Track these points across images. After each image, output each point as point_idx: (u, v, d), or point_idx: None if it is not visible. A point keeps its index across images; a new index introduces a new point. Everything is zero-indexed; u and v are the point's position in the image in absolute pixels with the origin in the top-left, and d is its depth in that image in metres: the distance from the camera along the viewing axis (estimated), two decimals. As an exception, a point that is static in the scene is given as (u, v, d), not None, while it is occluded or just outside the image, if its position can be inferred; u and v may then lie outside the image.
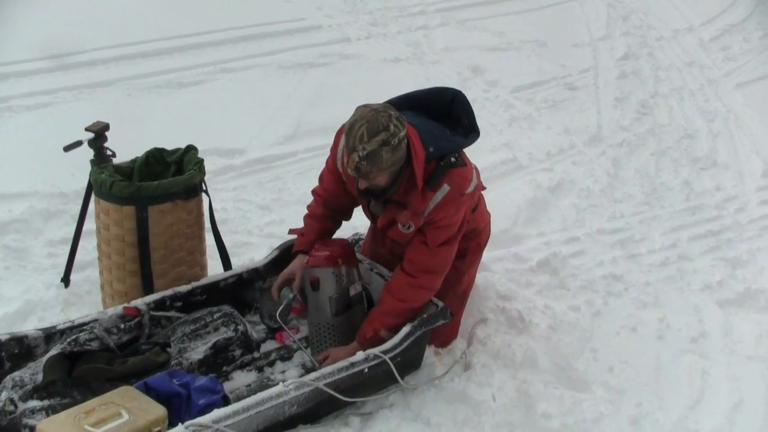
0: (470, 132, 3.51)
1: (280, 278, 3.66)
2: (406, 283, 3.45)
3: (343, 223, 3.83)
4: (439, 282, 3.51)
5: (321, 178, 3.74)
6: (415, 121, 3.35)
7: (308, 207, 3.78)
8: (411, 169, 3.28)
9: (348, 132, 3.13)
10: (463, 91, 3.59)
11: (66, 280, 4.12)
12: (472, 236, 3.72)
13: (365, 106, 3.19)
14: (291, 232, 3.83)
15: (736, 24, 10.43)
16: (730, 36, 10.04)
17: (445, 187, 3.31)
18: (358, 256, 3.86)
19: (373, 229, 3.90)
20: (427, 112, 3.50)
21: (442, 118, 3.50)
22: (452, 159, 3.35)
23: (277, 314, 3.57)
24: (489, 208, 3.95)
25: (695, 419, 3.52)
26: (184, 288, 3.68)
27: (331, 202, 3.70)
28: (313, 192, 3.78)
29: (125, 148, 4.14)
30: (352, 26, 8.99)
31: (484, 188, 3.75)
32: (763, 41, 9.86)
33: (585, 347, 3.90)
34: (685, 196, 5.84)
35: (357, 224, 4.14)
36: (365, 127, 3.08)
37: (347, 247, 3.65)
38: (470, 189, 3.42)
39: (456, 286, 3.74)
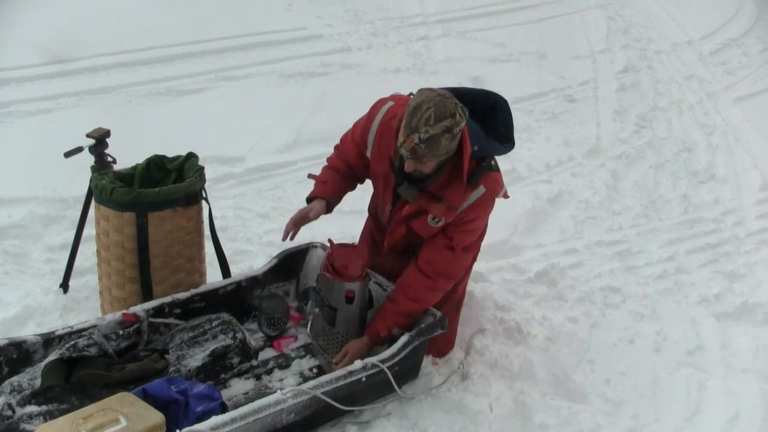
0: (505, 141, 3.46)
1: (298, 214, 3.55)
2: (423, 285, 3.46)
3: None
4: (450, 286, 3.55)
5: (343, 141, 3.68)
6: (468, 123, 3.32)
7: (328, 159, 3.71)
8: (455, 161, 3.25)
9: (413, 112, 3.05)
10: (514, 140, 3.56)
11: (65, 285, 4.12)
12: None
13: (429, 89, 3.13)
14: (311, 176, 3.74)
15: (735, 38, 10.49)
16: (730, 50, 10.09)
17: (481, 189, 3.32)
18: (386, 282, 3.83)
19: (370, 230, 3.87)
20: (469, 111, 3.46)
21: (479, 121, 3.42)
22: (492, 162, 3.36)
23: (308, 330, 3.62)
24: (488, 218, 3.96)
25: (692, 432, 3.53)
26: (182, 295, 3.68)
27: (353, 163, 3.63)
28: (335, 148, 3.72)
29: (126, 155, 4.14)
30: (353, 36, 9.02)
31: (508, 197, 3.67)
32: (763, 55, 9.91)
33: (582, 358, 3.91)
34: (683, 209, 5.85)
35: (355, 233, 4.13)
36: (433, 111, 3.02)
37: (365, 252, 3.62)
38: (500, 194, 3.45)
39: (451, 295, 3.73)
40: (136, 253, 3.68)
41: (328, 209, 3.62)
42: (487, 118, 3.46)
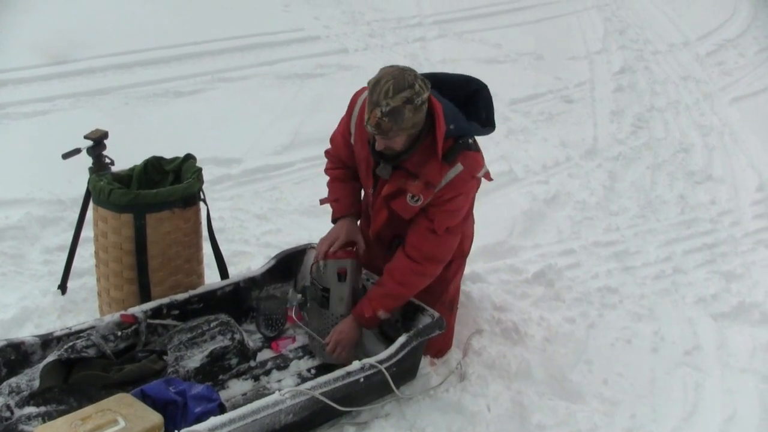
0: (487, 125, 3.54)
1: (322, 245, 3.59)
2: (410, 270, 3.46)
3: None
4: (440, 269, 3.53)
5: (332, 140, 3.73)
6: (441, 100, 3.36)
7: (327, 171, 3.77)
8: (431, 139, 3.28)
9: (373, 87, 3.12)
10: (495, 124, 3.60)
11: (63, 287, 4.12)
12: (459, 243, 3.68)
13: (390, 66, 3.20)
14: (323, 202, 3.79)
15: (731, 39, 10.51)
16: (726, 51, 10.11)
17: (459, 166, 3.33)
18: (372, 274, 3.86)
19: (362, 228, 3.88)
20: (450, 96, 3.50)
21: (460, 107, 3.47)
22: (469, 141, 3.38)
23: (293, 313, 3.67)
24: (485, 219, 3.98)
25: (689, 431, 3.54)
26: (181, 296, 3.68)
27: (345, 161, 3.69)
28: (327, 153, 3.78)
29: (124, 156, 4.15)
30: (350, 37, 9.03)
31: (491, 179, 3.68)
32: (759, 56, 9.93)
33: (580, 359, 3.92)
34: (680, 210, 5.86)
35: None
36: (391, 83, 3.08)
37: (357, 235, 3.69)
38: (481, 174, 3.44)
39: (443, 295, 3.74)
40: (134, 254, 3.69)
41: (356, 218, 3.71)
42: (469, 103, 3.53)
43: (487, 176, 3.57)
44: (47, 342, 3.33)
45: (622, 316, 4.35)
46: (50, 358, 3.19)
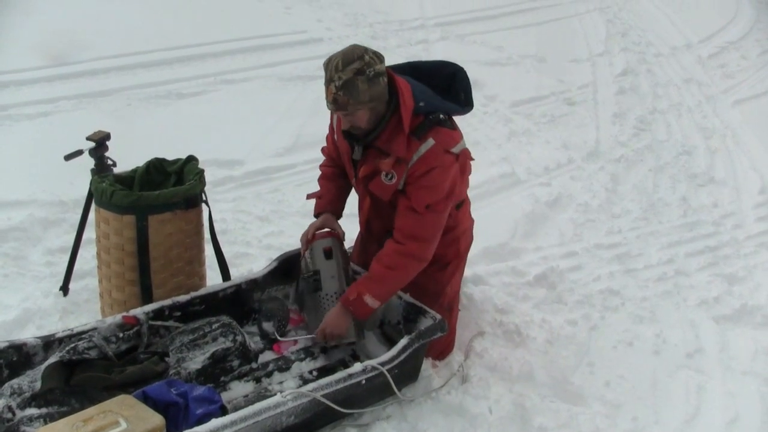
0: (465, 105, 3.58)
1: (302, 238, 3.71)
2: (394, 250, 3.43)
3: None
4: (428, 252, 3.47)
5: (327, 139, 3.81)
6: (411, 81, 3.43)
7: (320, 167, 3.86)
8: (398, 117, 3.32)
9: (326, 66, 3.23)
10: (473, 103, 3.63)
11: (65, 288, 4.12)
12: (452, 240, 3.69)
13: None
14: (309, 197, 3.87)
15: (734, 41, 10.51)
16: (728, 53, 10.11)
17: (430, 141, 3.33)
18: (353, 266, 3.88)
19: (366, 215, 3.88)
20: (428, 82, 3.54)
21: (440, 93, 3.52)
22: (441, 116, 3.39)
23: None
24: (487, 221, 3.97)
25: (691, 434, 3.54)
26: (182, 298, 3.68)
27: (337, 160, 3.75)
28: (322, 151, 3.88)
29: (126, 158, 4.15)
30: (352, 39, 9.01)
31: (472, 159, 3.70)
32: (761, 59, 9.93)
33: (582, 361, 3.91)
34: (682, 212, 5.86)
35: (352, 236, 4.15)
36: (340, 58, 3.18)
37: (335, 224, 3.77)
38: (456, 149, 3.41)
39: (440, 298, 3.73)
40: (136, 255, 3.69)
41: (337, 217, 3.75)
42: (449, 88, 3.58)
43: (467, 154, 3.57)
44: (49, 343, 3.33)
45: (624, 319, 4.35)
46: (52, 359, 3.19)
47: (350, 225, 3.98)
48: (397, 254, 3.43)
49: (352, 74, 3.16)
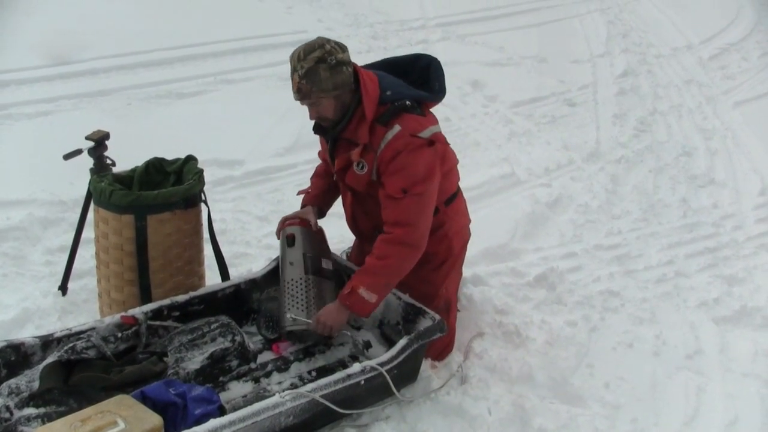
0: (439, 93, 3.62)
1: (281, 223, 3.77)
2: (382, 240, 3.42)
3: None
4: (416, 236, 3.41)
5: (320, 141, 3.84)
6: (380, 73, 3.48)
7: (316, 168, 3.95)
8: (363, 107, 3.35)
9: (290, 58, 3.30)
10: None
11: (63, 288, 4.12)
12: (442, 237, 3.66)
13: None
14: (300, 192, 3.94)
15: (734, 43, 10.51)
16: (729, 55, 10.11)
17: (396, 127, 3.34)
18: (352, 265, 3.87)
19: (350, 210, 3.86)
20: (405, 78, 3.58)
21: (418, 86, 3.56)
22: (407, 103, 3.40)
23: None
24: (487, 222, 3.97)
25: (691, 436, 3.53)
26: (181, 298, 3.68)
27: (326, 159, 3.78)
28: (319, 154, 3.93)
29: (125, 157, 4.15)
30: (352, 39, 9.02)
31: (448, 143, 3.68)
32: (762, 60, 9.92)
33: (581, 362, 3.90)
34: (682, 213, 5.85)
35: (352, 237, 4.15)
36: (302, 48, 3.26)
37: (320, 229, 3.81)
38: (425, 134, 3.39)
39: (434, 300, 3.71)
40: (134, 255, 3.69)
41: (320, 215, 3.82)
42: (425, 80, 3.61)
43: (441, 139, 3.54)
44: (47, 343, 3.33)
45: (623, 320, 4.34)
46: (50, 359, 3.19)
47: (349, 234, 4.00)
48: (385, 243, 3.41)
49: (313, 62, 3.23)
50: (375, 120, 3.35)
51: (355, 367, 3.25)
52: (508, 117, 7.38)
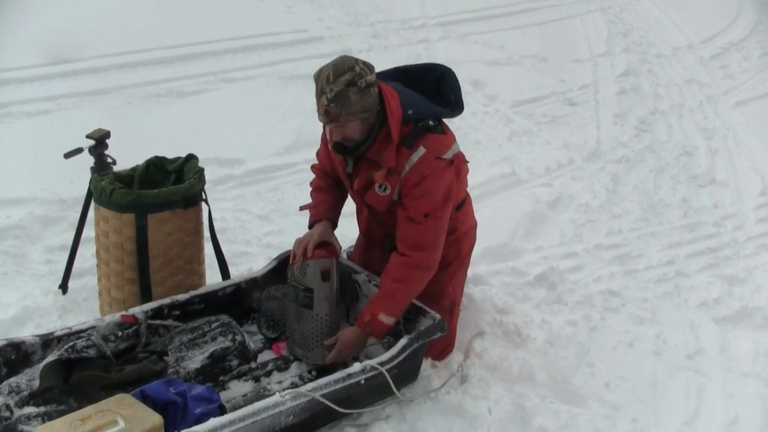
0: (456, 108, 3.56)
1: (298, 247, 3.58)
2: (400, 263, 3.42)
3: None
4: (434, 259, 3.45)
5: (317, 155, 3.81)
6: (398, 87, 3.41)
7: (311, 183, 3.81)
8: (387, 127, 3.30)
9: (316, 78, 3.23)
10: (463, 105, 3.62)
11: (64, 286, 4.12)
12: (452, 241, 3.66)
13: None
14: (302, 208, 3.82)
15: (735, 43, 10.50)
16: (730, 54, 10.09)
17: (421, 149, 3.31)
18: (356, 266, 3.88)
19: (365, 224, 3.87)
20: (416, 87, 3.53)
21: (429, 95, 3.52)
22: (430, 123, 3.36)
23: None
24: (487, 221, 3.96)
25: (691, 436, 3.53)
26: (182, 297, 3.67)
27: (331, 174, 3.73)
28: (312, 168, 3.84)
29: (125, 156, 4.14)
30: (353, 38, 9.02)
31: (467, 161, 3.70)
32: (763, 60, 9.91)
33: (582, 362, 3.90)
34: (683, 213, 5.85)
35: (354, 236, 4.15)
36: (331, 70, 3.18)
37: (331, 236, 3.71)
38: (448, 155, 3.39)
39: (440, 299, 3.71)
40: (135, 254, 3.68)
41: (333, 227, 3.69)
42: (439, 90, 3.56)
43: (461, 158, 3.56)
44: (48, 342, 3.32)
45: (624, 320, 4.33)
46: (50, 358, 3.19)
47: (349, 224, 3.99)
48: (403, 266, 3.42)
49: (343, 86, 3.15)
50: (400, 142, 3.31)
51: (356, 366, 3.25)
52: (508, 116, 7.37)
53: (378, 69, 3.32)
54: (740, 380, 3.91)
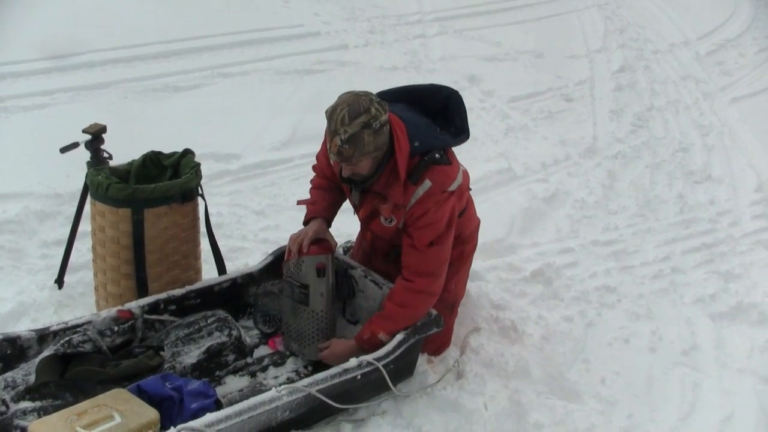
0: (461, 133, 3.55)
1: (293, 243, 3.58)
2: (404, 288, 3.43)
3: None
4: (438, 285, 3.48)
5: (317, 158, 3.78)
6: (404, 115, 3.39)
7: (311, 181, 3.81)
8: (394, 160, 3.29)
9: (330, 116, 3.17)
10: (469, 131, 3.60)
11: (60, 281, 4.11)
12: (456, 244, 3.67)
13: (348, 92, 3.23)
14: (300, 202, 3.82)
15: (731, 39, 10.50)
16: (726, 51, 10.10)
17: (427, 183, 3.32)
18: (352, 262, 3.88)
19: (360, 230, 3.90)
20: (421, 107, 3.54)
21: (434, 116, 3.52)
22: (436, 155, 3.36)
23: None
24: (484, 217, 3.96)
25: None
26: (178, 292, 3.67)
27: (330, 177, 3.72)
28: (313, 168, 3.84)
29: (122, 151, 4.13)
30: (349, 33, 9.01)
31: (470, 189, 3.74)
32: (759, 56, 9.92)
33: (577, 358, 3.91)
34: (679, 209, 5.85)
35: (351, 231, 4.15)
36: (346, 111, 3.12)
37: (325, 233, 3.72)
38: (453, 187, 3.41)
39: (442, 295, 3.68)
40: (131, 249, 3.68)
41: (327, 225, 3.69)
42: (444, 112, 3.55)
43: (464, 188, 3.59)
44: (44, 336, 3.32)
45: (620, 316, 4.34)
46: (46, 352, 3.19)
47: (345, 219, 3.99)
48: (407, 291, 3.44)
49: (358, 128, 3.11)
50: (407, 176, 3.31)
51: (352, 361, 3.25)
52: (505, 112, 7.37)
53: (375, 67, 3.31)
54: (736, 376, 3.93)
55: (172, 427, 2.75)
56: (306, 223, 3.67)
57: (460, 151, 3.64)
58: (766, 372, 3.95)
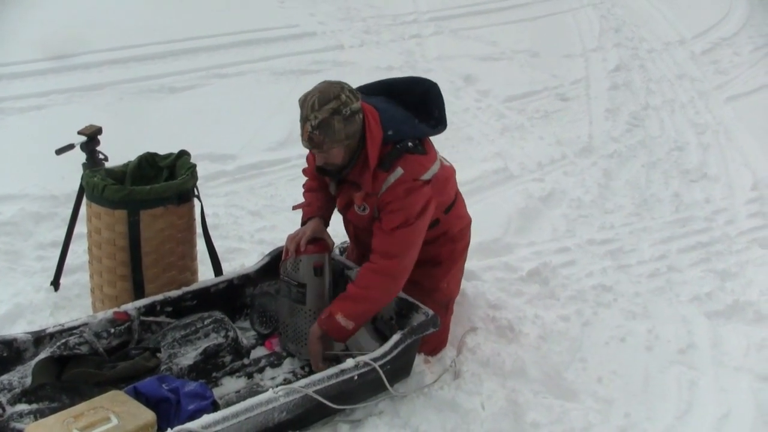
0: (438, 124, 3.57)
1: (291, 242, 3.58)
2: (367, 269, 3.43)
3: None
4: (401, 269, 3.44)
5: (307, 159, 3.80)
6: (381, 106, 3.42)
7: (304, 185, 3.83)
8: (366, 149, 3.32)
9: (302, 104, 3.23)
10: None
11: (56, 283, 4.11)
12: (444, 241, 3.68)
13: (322, 81, 3.30)
14: (295, 207, 3.83)
15: (727, 38, 10.52)
16: (721, 50, 10.11)
17: (399, 170, 3.33)
18: (348, 262, 3.88)
19: (353, 233, 3.89)
20: (400, 99, 3.55)
21: (415, 108, 3.54)
22: (410, 144, 3.38)
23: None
24: (480, 217, 3.96)
25: (683, 430, 3.53)
26: (174, 293, 3.67)
27: (319, 177, 3.72)
28: (304, 171, 3.85)
29: (118, 152, 4.13)
30: (345, 33, 9.01)
31: (457, 184, 3.74)
32: (754, 55, 9.93)
33: (574, 357, 3.91)
34: (674, 208, 5.86)
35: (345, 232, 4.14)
36: (317, 97, 3.19)
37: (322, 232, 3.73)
38: (427, 176, 3.41)
39: (434, 294, 3.72)
40: (127, 250, 3.68)
41: (325, 225, 3.70)
42: (423, 103, 3.57)
43: (442, 177, 3.56)
44: (40, 339, 3.32)
45: (616, 315, 4.34)
46: (43, 355, 3.19)
47: (341, 220, 3.99)
48: (370, 272, 3.43)
49: (328, 114, 3.16)
50: (378, 165, 3.33)
51: (349, 362, 3.25)
52: (500, 111, 7.38)
53: (371, 67, 3.32)
54: (732, 374, 3.93)
55: (169, 429, 2.75)
56: (304, 223, 3.68)
57: (456, 152, 3.65)
58: (762, 370, 3.95)
